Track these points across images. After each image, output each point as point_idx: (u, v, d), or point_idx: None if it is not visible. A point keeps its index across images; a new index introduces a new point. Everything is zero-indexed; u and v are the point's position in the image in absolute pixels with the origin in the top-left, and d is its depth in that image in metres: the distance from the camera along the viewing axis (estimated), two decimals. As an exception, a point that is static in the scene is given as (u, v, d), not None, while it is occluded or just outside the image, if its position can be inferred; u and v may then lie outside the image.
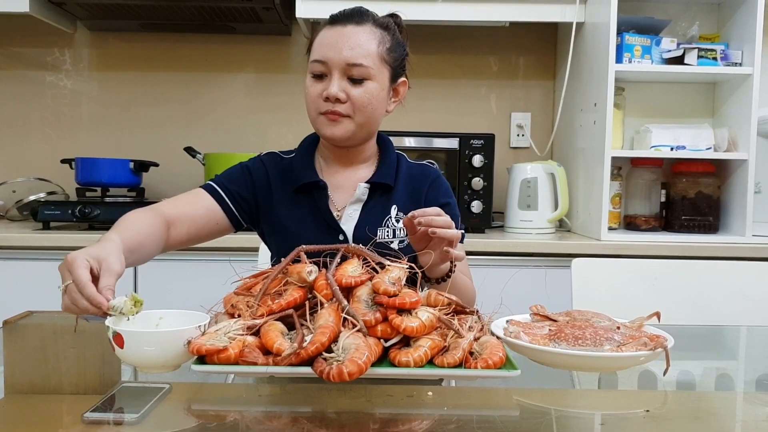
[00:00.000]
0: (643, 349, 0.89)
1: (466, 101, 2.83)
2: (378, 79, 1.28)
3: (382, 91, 1.30)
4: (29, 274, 2.11)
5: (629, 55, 2.29)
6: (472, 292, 1.33)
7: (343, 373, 0.80)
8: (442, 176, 1.43)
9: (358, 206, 1.35)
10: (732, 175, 2.36)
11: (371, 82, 1.27)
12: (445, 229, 1.08)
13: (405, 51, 1.35)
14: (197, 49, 2.80)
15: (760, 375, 1.25)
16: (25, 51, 2.79)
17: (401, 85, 1.36)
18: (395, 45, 1.32)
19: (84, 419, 0.83)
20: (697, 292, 1.67)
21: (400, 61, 1.34)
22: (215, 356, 0.86)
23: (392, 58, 1.31)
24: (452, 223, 1.10)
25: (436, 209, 1.11)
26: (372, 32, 1.28)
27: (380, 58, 1.28)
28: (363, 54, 1.26)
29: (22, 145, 2.79)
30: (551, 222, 2.46)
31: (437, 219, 1.08)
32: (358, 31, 1.27)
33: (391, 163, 1.39)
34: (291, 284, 0.99)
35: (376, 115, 1.31)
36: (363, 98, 1.27)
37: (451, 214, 1.29)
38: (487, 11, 2.43)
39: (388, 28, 1.32)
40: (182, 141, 2.65)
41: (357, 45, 1.26)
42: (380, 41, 1.29)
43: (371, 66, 1.27)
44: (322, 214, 1.33)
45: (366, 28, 1.28)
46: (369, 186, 1.34)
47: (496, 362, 0.87)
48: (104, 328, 0.89)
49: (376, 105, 1.30)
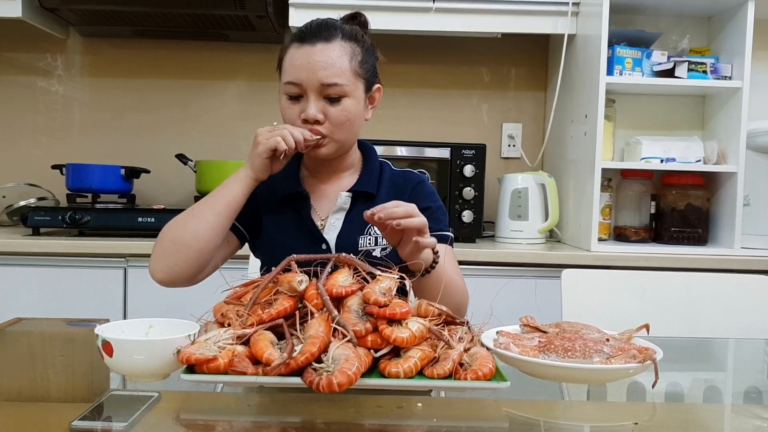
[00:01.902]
0: (632, 362, 0.89)
1: (457, 111, 2.84)
2: (354, 95, 1.28)
3: (359, 105, 1.30)
4: (18, 281, 2.10)
5: (620, 68, 2.30)
6: (461, 288, 1.29)
7: (332, 383, 0.80)
8: (425, 181, 1.42)
9: (341, 215, 1.35)
10: (721, 187, 2.37)
11: (348, 99, 1.27)
12: (409, 219, 1.07)
13: (375, 56, 1.35)
14: (190, 57, 2.80)
15: (748, 387, 1.26)
16: (17, 56, 2.78)
17: (376, 92, 1.37)
18: (366, 56, 1.32)
19: (72, 427, 0.82)
20: (686, 303, 1.68)
21: (372, 70, 1.34)
22: (204, 365, 0.86)
23: (365, 69, 1.31)
24: (413, 212, 1.08)
25: (395, 202, 1.09)
26: (342, 48, 1.27)
27: (354, 73, 1.28)
28: (337, 73, 1.25)
29: (13, 150, 2.78)
30: (541, 232, 2.46)
31: (396, 210, 1.07)
32: (328, 49, 1.26)
33: (373, 171, 1.39)
34: (281, 294, 0.99)
35: (355, 130, 1.32)
36: (341, 116, 1.27)
37: (433, 218, 1.30)
38: (479, 22, 2.44)
39: (357, 39, 1.31)
40: (174, 148, 2.65)
41: (329, 64, 1.25)
42: (352, 56, 1.28)
43: (346, 83, 1.26)
44: (306, 224, 1.34)
45: (335, 44, 1.27)
46: (351, 195, 1.35)
47: (485, 373, 0.87)
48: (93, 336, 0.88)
49: (355, 120, 1.30)
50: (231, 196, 1.26)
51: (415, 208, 1.09)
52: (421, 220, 1.09)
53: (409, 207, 1.09)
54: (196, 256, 1.24)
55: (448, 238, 1.36)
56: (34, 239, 2.13)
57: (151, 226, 2.24)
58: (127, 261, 2.11)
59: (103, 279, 2.11)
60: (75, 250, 2.10)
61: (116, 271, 2.11)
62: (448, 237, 1.36)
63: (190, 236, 1.23)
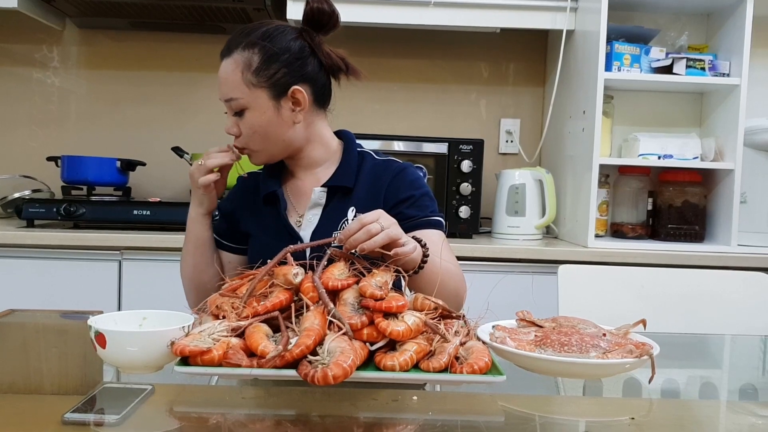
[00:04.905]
0: (628, 357, 0.89)
1: (455, 106, 2.83)
2: (254, 105, 1.27)
3: (264, 114, 1.27)
4: (12, 273, 2.09)
5: (618, 64, 2.30)
6: (456, 275, 1.26)
7: (327, 376, 0.80)
8: (407, 169, 1.37)
9: (317, 211, 1.34)
10: (718, 184, 2.37)
11: (249, 111, 1.28)
12: (373, 239, 1.01)
13: (285, 57, 1.27)
14: (187, 49, 2.78)
15: (743, 384, 1.26)
16: (13, 47, 2.76)
17: (296, 93, 1.28)
18: (265, 61, 1.26)
19: (64, 420, 0.82)
20: (683, 300, 1.68)
21: (280, 73, 1.27)
22: (199, 358, 0.85)
23: (265, 76, 1.26)
24: (376, 226, 1.02)
25: (358, 221, 1.03)
26: (235, 62, 1.27)
27: (247, 84, 1.26)
28: (230, 88, 1.27)
29: (8, 142, 2.76)
30: (538, 228, 2.46)
31: (359, 235, 1.01)
32: (225, 65, 1.28)
33: (350, 163, 1.36)
34: (277, 286, 0.99)
35: (274, 136, 1.30)
36: (246, 129, 1.29)
37: (416, 205, 1.28)
38: (478, 17, 2.43)
39: (254, 45, 1.26)
40: (170, 141, 2.64)
41: (224, 81, 1.28)
42: (244, 67, 1.26)
43: (241, 96, 1.27)
44: (282, 223, 1.34)
45: (231, 59, 1.27)
46: (326, 190, 1.33)
47: (481, 367, 0.87)
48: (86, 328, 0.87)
49: (266, 128, 1.28)
50: (195, 236, 1.38)
51: (382, 216, 1.04)
52: (393, 233, 1.03)
53: (370, 226, 1.02)
54: (200, 287, 1.40)
55: (438, 224, 1.32)
56: (29, 231, 2.12)
57: (147, 219, 2.23)
58: (122, 254, 2.11)
59: (97, 272, 2.10)
60: (70, 242, 2.09)
61: (111, 264, 2.11)
62: (436, 222, 1.32)
63: (185, 275, 1.42)
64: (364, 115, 2.75)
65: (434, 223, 1.31)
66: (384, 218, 1.05)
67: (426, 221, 1.29)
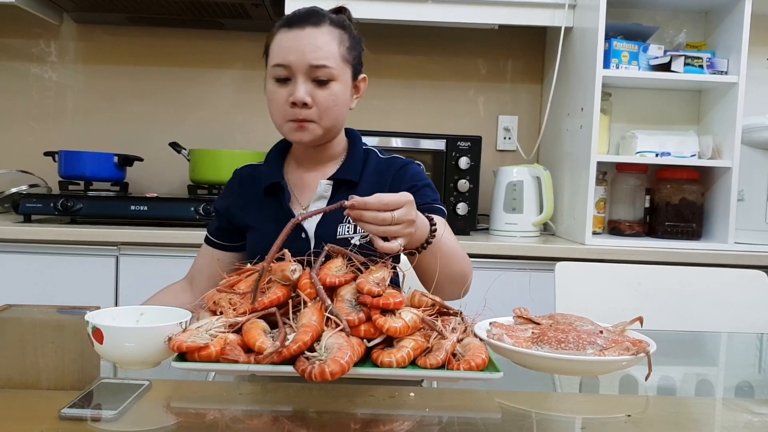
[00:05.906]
0: (625, 354, 0.89)
1: (453, 103, 2.83)
2: (342, 79, 1.29)
3: (346, 91, 1.31)
4: (9, 268, 2.09)
5: (616, 61, 2.30)
6: (462, 256, 1.26)
7: (325, 372, 0.80)
8: (410, 164, 1.40)
9: (321, 203, 1.34)
10: (716, 182, 2.38)
11: (336, 83, 1.28)
12: (374, 227, 0.99)
13: (361, 47, 1.37)
14: (185, 44, 2.78)
15: (739, 381, 1.26)
16: (10, 42, 2.75)
17: (362, 82, 1.38)
18: (354, 43, 1.33)
19: (61, 415, 0.82)
20: (679, 297, 1.68)
21: (358, 59, 1.35)
22: (196, 353, 0.85)
23: (352, 56, 1.32)
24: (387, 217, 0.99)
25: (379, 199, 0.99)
26: (331, 32, 1.28)
27: (342, 57, 1.29)
28: (326, 55, 1.26)
29: (5, 137, 2.76)
30: (536, 225, 2.46)
31: (367, 215, 0.98)
32: (317, 33, 1.27)
33: (357, 158, 1.38)
34: (274, 282, 0.99)
35: (341, 116, 1.33)
36: (329, 101, 1.28)
37: (418, 195, 1.28)
38: (476, 14, 2.43)
39: (344, 27, 1.32)
40: (167, 136, 2.64)
41: (319, 47, 1.26)
42: (340, 41, 1.29)
43: (335, 67, 1.27)
44: (285, 214, 1.34)
45: (324, 29, 1.28)
46: (331, 183, 1.34)
47: (478, 364, 0.87)
48: (83, 323, 0.87)
49: (342, 106, 1.31)
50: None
51: (407, 206, 1.01)
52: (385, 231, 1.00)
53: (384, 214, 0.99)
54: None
55: (440, 211, 1.34)
56: (26, 226, 2.12)
57: (144, 215, 2.23)
58: (119, 249, 2.10)
59: (95, 267, 2.10)
60: (67, 237, 2.09)
61: (108, 259, 2.10)
62: (438, 210, 1.34)
63: None
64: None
65: (436, 210, 1.32)
66: (405, 211, 1.01)
67: (428, 207, 1.30)
